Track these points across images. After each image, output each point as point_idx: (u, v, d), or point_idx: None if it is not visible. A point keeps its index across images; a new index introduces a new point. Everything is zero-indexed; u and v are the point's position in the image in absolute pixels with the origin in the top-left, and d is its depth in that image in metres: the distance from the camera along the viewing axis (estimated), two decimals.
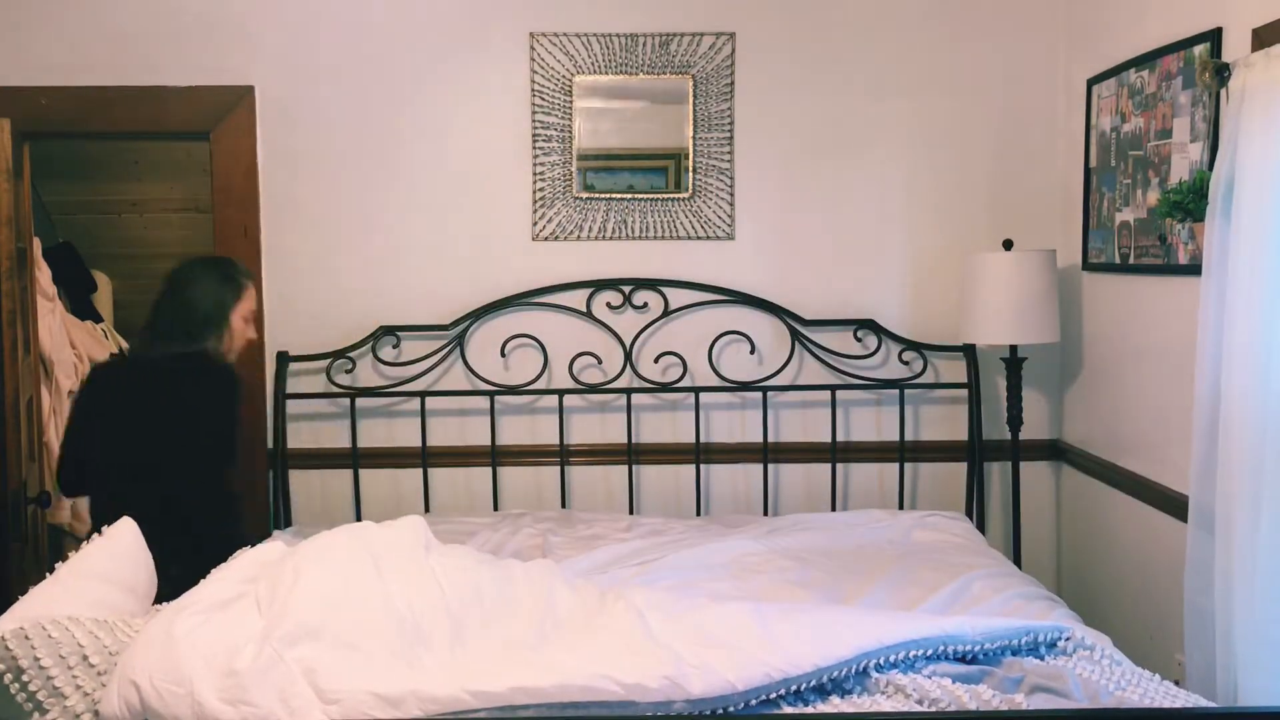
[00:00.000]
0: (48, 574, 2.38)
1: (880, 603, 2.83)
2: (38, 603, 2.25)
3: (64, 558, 2.48)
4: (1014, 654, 2.35)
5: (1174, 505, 3.03)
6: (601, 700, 2.04)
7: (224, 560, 2.55)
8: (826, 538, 3.40)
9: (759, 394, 3.88)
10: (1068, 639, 2.41)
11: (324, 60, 3.81)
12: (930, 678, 2.21)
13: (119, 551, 2.49)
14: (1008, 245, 3.63)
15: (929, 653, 2.28)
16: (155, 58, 3.77)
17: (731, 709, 2.08)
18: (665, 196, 3.85)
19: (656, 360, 3.87)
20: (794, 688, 2.14)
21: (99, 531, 2.53)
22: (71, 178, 5.22)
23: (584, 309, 3.87)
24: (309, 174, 3.83)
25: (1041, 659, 2.35)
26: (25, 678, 2.05)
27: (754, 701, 2.10)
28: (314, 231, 3.84)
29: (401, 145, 3.83)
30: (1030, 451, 3.89)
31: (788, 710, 2.12)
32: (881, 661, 2.23)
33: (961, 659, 2.31)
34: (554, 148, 3.84)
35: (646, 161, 3.86)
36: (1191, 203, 2.72)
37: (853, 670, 2.20)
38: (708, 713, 2.06)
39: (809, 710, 2.13)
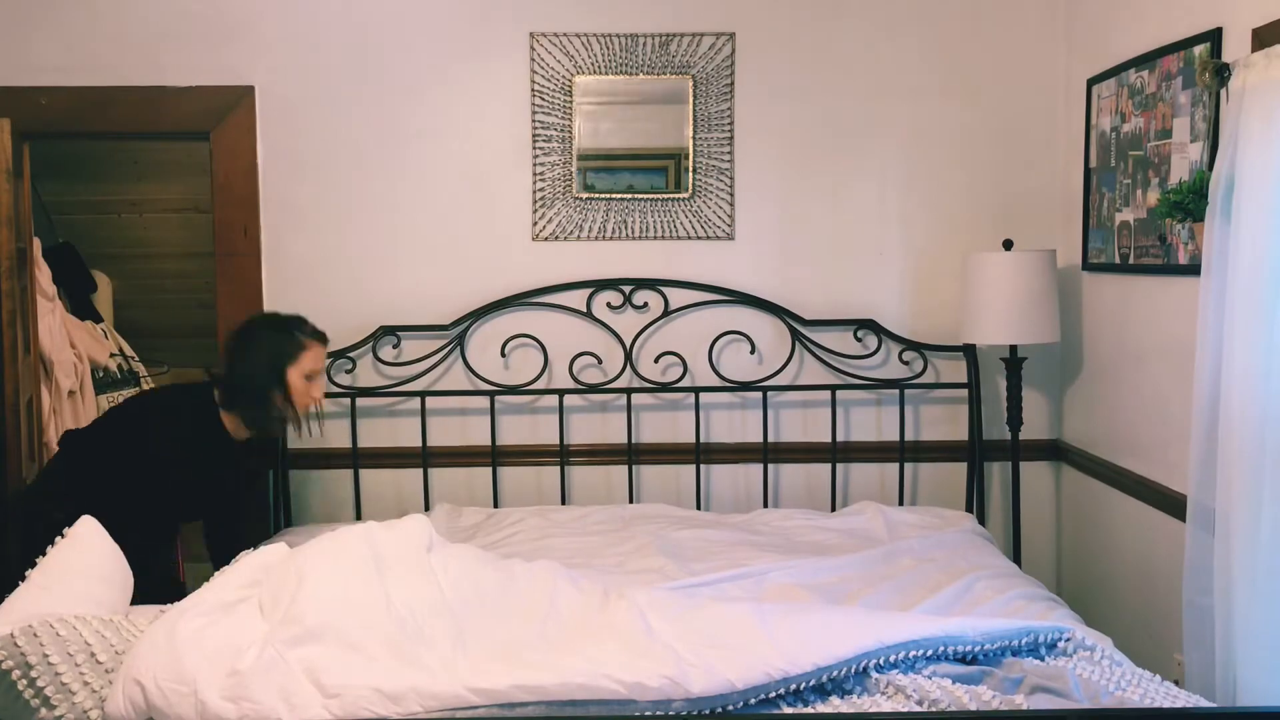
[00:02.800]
0: (19, 581, 2.38)
1: (882, 603, 2.83)
2: (28, 602, 2.26)
3: None
4: (1014, 654, 2.35)
5: (1174, 505, 3.03)
6: (602, 698, 2.05)
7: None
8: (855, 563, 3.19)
9: (759, 394, 3.88)
10: (1068, 639, 2.41)
11: (324, 60, 3.81)
12: (930, 678, 2.21)
13: (91, 548, 2.50)
14: (1008, 245, 3.63)
15: (929, 653, 2.28)
16: (155, 58, 3.77)
17: (731, 708, 2.08)
18: (665, 196, 3.85)
19: (656, 360, 3.87)
20: (794, 687, 2.14)
21: (61, 534, 2.53)
22: (71, 178, 5.22)
23: (584, 309, 3.87)
24: (309, 174, 3.83)
25: (1042, 659, 2.35)
26: (34, 674, 2.07)
27: (754, 701, 2.10)
28: (314, 231, 3.84)
29: (402, 145, 3.83)
30: (1030, 451, 3.89)
31: (787, 710, 2.12)
32: (882, 661, 2.23)
33: (962, 659, 2.31)
34: (554, 148, 3.84)
35: (646, 161, 3.86)
36: (1191, 203, 2.73)
37: (853, 670, 2.20)
38: (707, 712, 2.07)
39: (809, 710, 2.13)
